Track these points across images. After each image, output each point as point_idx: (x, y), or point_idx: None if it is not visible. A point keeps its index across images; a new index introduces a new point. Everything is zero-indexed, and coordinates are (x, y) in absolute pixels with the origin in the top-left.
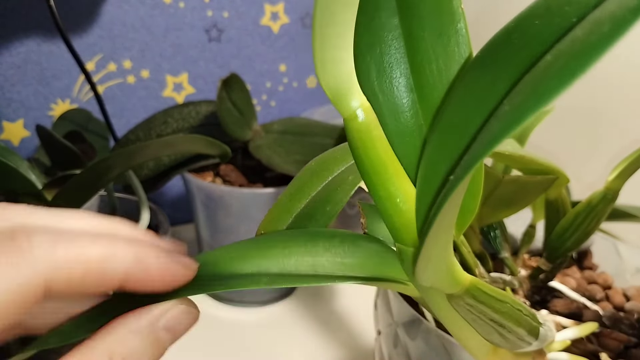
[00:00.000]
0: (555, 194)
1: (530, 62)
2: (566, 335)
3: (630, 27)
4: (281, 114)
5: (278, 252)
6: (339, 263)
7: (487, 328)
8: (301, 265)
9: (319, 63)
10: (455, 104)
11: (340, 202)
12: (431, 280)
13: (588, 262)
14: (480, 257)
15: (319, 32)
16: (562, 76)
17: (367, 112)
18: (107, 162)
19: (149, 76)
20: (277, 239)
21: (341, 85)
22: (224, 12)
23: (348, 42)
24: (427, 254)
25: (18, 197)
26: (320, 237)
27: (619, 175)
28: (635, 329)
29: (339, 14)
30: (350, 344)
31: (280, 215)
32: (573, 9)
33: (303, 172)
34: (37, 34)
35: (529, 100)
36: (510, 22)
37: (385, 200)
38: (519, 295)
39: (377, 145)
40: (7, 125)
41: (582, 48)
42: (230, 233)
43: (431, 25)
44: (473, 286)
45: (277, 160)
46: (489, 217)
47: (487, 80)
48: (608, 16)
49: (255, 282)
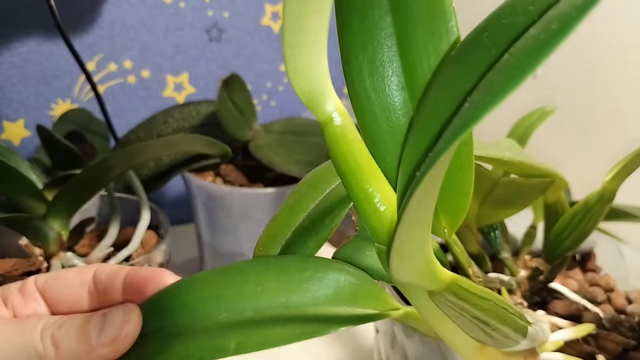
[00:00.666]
0: (553, 197)
1: (494, 60)
2: (560, 336)
3: (576, 25)
4: (281, 114)
5: (251, 289)
6: (310, 298)
7: (471, 325)
8: (274, 304)
9: (292, 70)
10: (429, 102)
11: (339, 214)
12: (409, 276)
13: (591, 265)
14: (479, 258)
15: (290, 40)
16: (514, 73)
17: (343, 116)
18: (108, 162)
19: (150, 76)
20: (250, 273)
21: (315, 90)
22: (224, 12)
23: (320, 49)
24: (400, 249)
25: (18, 197)
26: (292, 269)
27: (616, 176)
28: (635, 332)
29: (309, 21)
30: (351, 343)
31: (279, 230)
32: (536, 7)
33: (300, 186)
34: (38, 34)
35: (486, 97)
36: (482, 21)
37: (363, 201)
38: (517, 295)
39: (353, 148)
40: (8, 125)
41: (532, 46)
42: (230, 233)
43: (423, 24)
44: (453, 283)
45: (278, 160)
46: (488, 217)
47: (459, 77)
48: (558, 14)
49: (224, 350)
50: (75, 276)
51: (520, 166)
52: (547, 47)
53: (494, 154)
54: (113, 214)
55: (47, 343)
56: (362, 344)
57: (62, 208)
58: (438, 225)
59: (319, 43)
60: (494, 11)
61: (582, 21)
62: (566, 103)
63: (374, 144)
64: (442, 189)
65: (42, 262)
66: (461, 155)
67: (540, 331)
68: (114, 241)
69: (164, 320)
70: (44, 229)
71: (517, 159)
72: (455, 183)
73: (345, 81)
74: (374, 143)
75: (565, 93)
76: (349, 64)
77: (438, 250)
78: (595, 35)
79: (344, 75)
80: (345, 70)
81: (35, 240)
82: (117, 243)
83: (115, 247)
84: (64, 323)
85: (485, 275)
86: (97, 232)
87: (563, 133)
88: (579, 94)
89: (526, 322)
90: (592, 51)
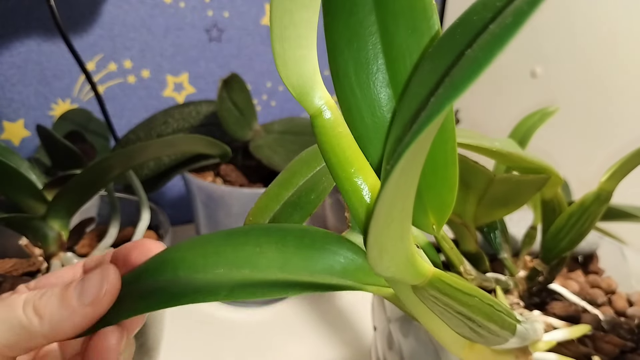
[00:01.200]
0: (550, 193)
1: (461, 55)
2: (554, 336)
3: (527, 19)
4: (282, 114)
5: (250, 250)
6: (306, 265)
7: (456, 321)
8: (271, 264)
9: (281, 63)
10: (406, 98)
11: (325, 191)
12: (391, 270)
13: (594, 267)
14: (477, 257)
15: (279, 34)
16: (472, 67)
17: (332, 109)
18: (108, 162)
19: (150, 76)
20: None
21: (305, 83)
22: (224, 12)
23: (309, 41)
24: (377, 241)
25: (18, 197)
26: (292, 236)
27: (612, 176)
28: (634, 334)
29: (298, 14)
30: (350, 343)
31: (268, 203)
32: (501, 3)
33: (294, 162)
34: (38, 34)
35: (447, 91)
36: (457, 18)
37: (351, 194)
38: (513, 295)
39: (342, 141)
40: (8, 125)
41: (489, 40)
42: None
43: (405, 21)
44: (436, 278)
45: (278, 160)
46: (485, 216)
47: (432, 72)
48: (513, 9)
49: (215, 293)
50: (66, 271)
51: (510, 157)
52: (502, 40)
53: (483, 144)
54: (113, 214)
55: (30, 314)
56: (361, 343)
57: (62, 208)
58: (426, 221)
59: (309, 37)
60: (467, 8)
61: (533, 15)
62: (566, 103)
63: (359, 139)
64: (429, 185)
65: (42, 262)
66: (445, 151)
67: (532, 330)
68: (114, 241)
69: (163, 274)
70: (43, 229)
71: (506, 150)
72: (441, 178)
73: (332, 77)
74: (360, 138)
75: (566, 93)
76: (334, 60)
77: (428, 247)
78: (595, 35)
79: (330, 71)
80: (332, 66)
81: (35, 241)
82: (117, 243)
83: (116, 247)
84: (44, 293)
85: (480, 274)
86: (97, 232)
87: (563, 133)
88: (579, 94)
89: (515, 320)
90: (592, 51)
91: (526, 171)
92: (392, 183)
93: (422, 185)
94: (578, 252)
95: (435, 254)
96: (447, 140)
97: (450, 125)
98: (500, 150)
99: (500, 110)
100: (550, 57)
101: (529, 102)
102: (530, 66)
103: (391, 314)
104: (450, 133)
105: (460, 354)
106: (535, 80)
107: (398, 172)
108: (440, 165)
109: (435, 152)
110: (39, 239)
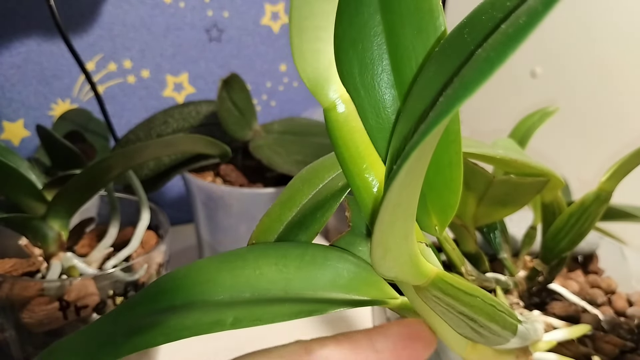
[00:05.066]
0: (550, 196)
1: (471, 55)
2: (554, 336)
3: (541, 19)
4: (281, 114)
5: (249, 273)
6: (309, 282)
7: (458, 321)
8: (272, 287)
9: (298, 54)
10: (411, 99)
11: (331, 208)
12: (394, 271)
13: (593, 267)
14: (476, 257)
15: (297, 24)
16: (484, 67)
17: (346, 103)
18: (108, 162)
19: (149, 76)
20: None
21: (320, 76)
22: (224, 11)
23: (327, 34)
24: (382, 240)
25: (18, 197)
26: (292, 254)
27: (612, 176)
28: (633, 334)
29: (318, 5)
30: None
31: (271, 225)
32: (512, 3)
33: (294, 181)
34: (38, 34)
35: (457, 91)
36: (465, 18)
37: (362, 189)
38: (513, 295)
39: (356, 136)
40: (8, 125)
41: (501, 40)
42: (230, 233)
43: (411, 22)
44: (439, 278)
45: (278, 160)
46: (485, 217)
47: (439, 73)
48: (526, 9)
49: (221, 324)
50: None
51: (513, 164)
52: (515, 41)
53: (486, 152)
54: (113, 214)
55: None
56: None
57: (62, 208)
58: (429, 222)
59: (327, 29)
60: (475, 8)
61: (548, 15)
62: (566, 103)
63: None
64: (432, 187)
65: (42, 262)
66: (450, 152)
67: (532, 330)
68: (114, 241)
69: (160, 302)
70: (43, 229)
71: (510, 157)
72: (445, 180)
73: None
74: None
75: (566, 93)
76: (339, 60)
77: (430, 247)
78: (595, 35)
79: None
80: (337, 66)
81: (35, 241)
82: (117, 243)
83: (115, 247)
84: None
85: (481, 274)
86: (97, 232)
87: (563, 133)
88: (579, 94)
89: (516, 320)
90: (592, 51)
91: (527, 175)
92: (398, 182)
93: (426, 186)
94: (578, 252)
95: (439, 256)
96: (452, 141)
97: (455, 126)
98: (504, 158)
99: (500, 110)
100: (550, 57)
101: (528, 102)
102: (530, 66)
103: (391, 315)
104: (456, 134)
105: (462, 354)
106: (535, 80)
107: (404, 171)
108: (444, 166)
109: (440, 153)
110: (39, 239)
